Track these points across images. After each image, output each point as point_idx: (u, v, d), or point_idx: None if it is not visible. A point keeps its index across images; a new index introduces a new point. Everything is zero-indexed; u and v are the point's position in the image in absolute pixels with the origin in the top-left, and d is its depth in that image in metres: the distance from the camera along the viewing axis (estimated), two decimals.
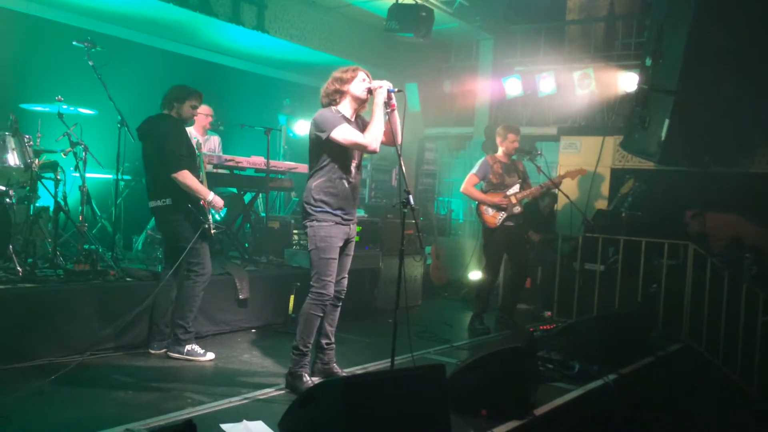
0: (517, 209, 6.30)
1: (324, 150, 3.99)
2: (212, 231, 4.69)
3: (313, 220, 4.00)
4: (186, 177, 4.52)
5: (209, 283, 4.82)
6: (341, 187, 4.01)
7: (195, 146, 4.91)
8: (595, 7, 8.82)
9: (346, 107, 4.07)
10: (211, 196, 4.63)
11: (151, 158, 4.63)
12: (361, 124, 4.10)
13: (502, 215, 6.24)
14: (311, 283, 4.04)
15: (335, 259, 4.04)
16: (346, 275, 4.26)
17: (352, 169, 4.08)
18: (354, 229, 4.20)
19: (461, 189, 6.39)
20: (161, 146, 4.54)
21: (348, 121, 4.02)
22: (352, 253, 4.26)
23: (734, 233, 7.83)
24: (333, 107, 4.06)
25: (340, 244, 4.06)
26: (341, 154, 3.99)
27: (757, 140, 7.26)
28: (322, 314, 4.08)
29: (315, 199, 3.99)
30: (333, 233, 4.00)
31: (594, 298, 6.80)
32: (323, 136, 3.92)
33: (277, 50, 8.15)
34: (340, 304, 4.28)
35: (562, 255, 7.25)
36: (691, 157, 6.93)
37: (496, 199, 6.23)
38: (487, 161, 6.37)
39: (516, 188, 6.31)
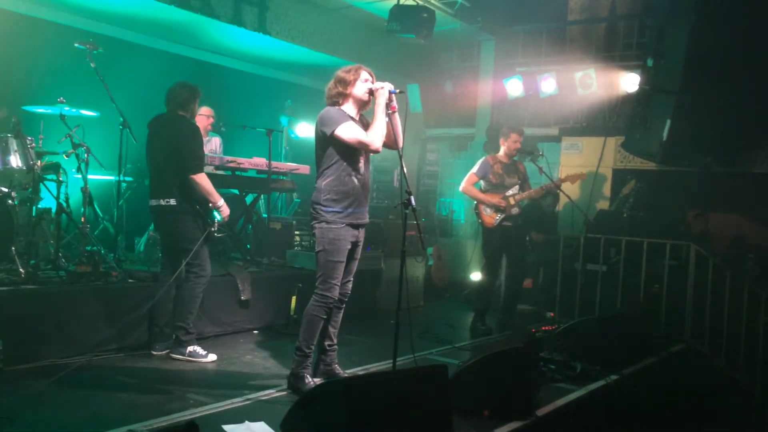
0: (515, 210, 6.31)
1: (330, 147, 3.99)
2: (216, 234, 4.70)
3: (321, 222, 3.99)
4: (204, 179, 4.55)
5: (211, 284, 4.83)
6: (351, 185, 4.00)
7: None
8: (597, 7, 8.82)
9: (349, 108, 4.08)
10: (221, 201, 4.64)
11: (162, 157, 4.62)
12: (365, 124, 4.10)
13: (500, 216, 6.25)
14: (316, 285, 4.03)
15: (343, 262, 4.03)
16: (352, 278, 4.25)
17: (361, 166, 4.06)
18: (363, 233, 4.18)
19: (460, 188, 6.41)
20: (180, 146, 4.53)
21: (353, 120, 4.03)
22: (359, 256, 4.24)
23: (736, 233, 7.82)
24: (338, 106, 4.07)
25: (349, 246, 4.05)
26: (348, 151, 3.98)
27: (759, 140, 7.25)
28: (326, 316, 4.08)
29: (324, 199, 3.97)
30: (342, 236, 3.98)
31: (596, 298, 6.80)
32: (327, 132, 3.93)
33: (279, 51, 8.16)
34: (344, 306, 4.27)
35: (564, 255, 7.24)
36: (693, 158, 6.93)
37: (494, 199, 6.23)
38: (487, 161, 6.37)
39: (515, 189, 6.32)
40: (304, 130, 9.22)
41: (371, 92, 4.00)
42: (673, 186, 7.79)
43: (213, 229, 4.62)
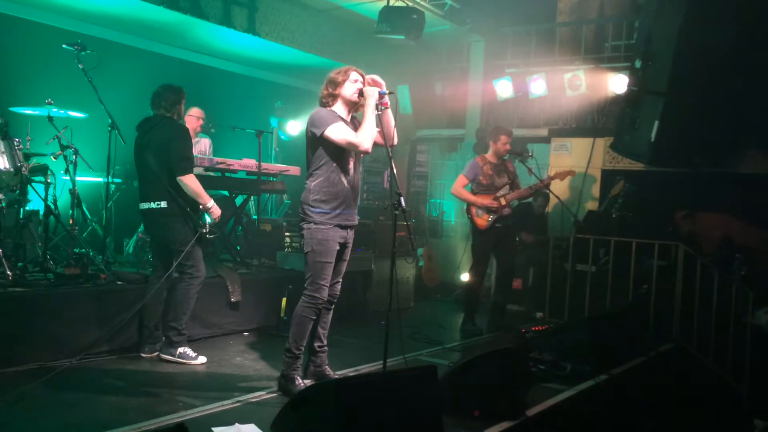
0: (507, 211, 6.33)
1: (320, 148, 3.99)
2: (208, 236, 4.69)
3: (310, 222, 3.99)
4: (192, 180, 4.53)
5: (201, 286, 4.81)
6: (340, 186, 4.00)
7: None
8: (586, 9, 8.86)
9: (340, 108, 4.09)
10: (211, 203, 4.63)
11: (152, 160, 4.59)
12: (357, 125, 4.10)
13: (492, 217, 6.26)
14: (305, 286, 4.03)
15: (331, 263, 4.03)
16: (341, 280, 4.26)
17: (350, 167, 4.07)
18: (351, 234, 4.19)
19: (451, 191, 6.42)
20: (169, 148, 4.51)
21: (344, 121, 4.03)
22: (348, 258, 4.24)
23: (724, 233, 7.87)
24: (328, 107, 4.07)
25: (337, 248, 4.05)
26: (338, 152, 3.99)
27: (747, 140, 7.31)
28: (315, 317, 4.08)
29: (313, 200, 3.98)
30: (330, 236, 3.99)
31: (585, 298, 6.83)
32: (317, 132, 3.93)
33: (268, 52, 8.15)
34: (333, 307, 4.28)
35: (553, 256, 7.27)
36: (681, 158, 6.97)
37: (486, 201, 6.25)
38: (476, 162, 6.38)
39: (506, 189, 6.34)
40: (295, 128, 9.20)
41: (361, 93, 4.01)
42: (661, 186, 7.82)
43: (204, 231, 4.61)
